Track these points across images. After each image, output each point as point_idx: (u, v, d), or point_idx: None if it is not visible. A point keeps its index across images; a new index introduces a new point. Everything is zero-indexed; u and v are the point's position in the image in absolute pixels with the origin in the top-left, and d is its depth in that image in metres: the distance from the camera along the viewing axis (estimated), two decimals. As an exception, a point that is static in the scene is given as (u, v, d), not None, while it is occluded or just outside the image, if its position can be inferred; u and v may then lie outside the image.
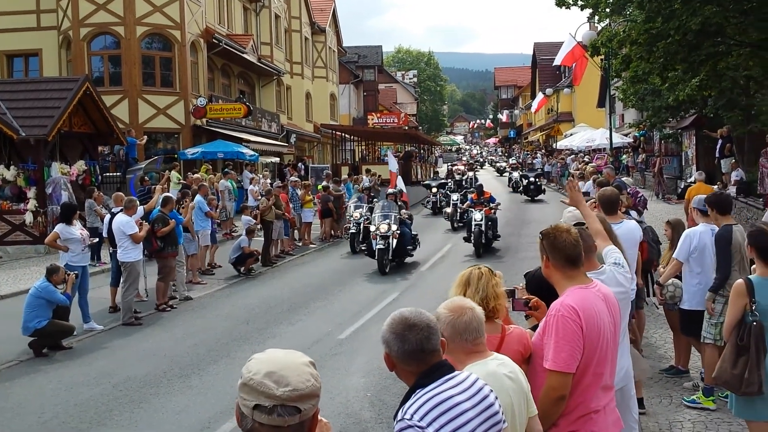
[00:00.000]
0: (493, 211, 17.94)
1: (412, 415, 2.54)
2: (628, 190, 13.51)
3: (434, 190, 28.97)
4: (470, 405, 2.64)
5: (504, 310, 4.02)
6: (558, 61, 36.91)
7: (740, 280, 4.93)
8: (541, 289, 4.23)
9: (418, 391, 2.62)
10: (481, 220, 17.10)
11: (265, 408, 1.85)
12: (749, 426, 5.11)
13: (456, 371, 2.74)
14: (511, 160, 52.92)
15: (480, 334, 3.16)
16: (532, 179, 31.77)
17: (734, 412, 5.12)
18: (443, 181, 32.42)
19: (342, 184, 23.83)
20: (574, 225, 4.41)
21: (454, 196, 24.42)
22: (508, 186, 37.85)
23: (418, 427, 2.51)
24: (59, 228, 11.42)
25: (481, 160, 77.95)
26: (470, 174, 37.00)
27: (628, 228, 6.40)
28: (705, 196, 7.63)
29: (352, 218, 19.67)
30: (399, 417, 2.59)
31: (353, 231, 19.16)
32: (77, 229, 11.55)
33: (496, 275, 3.98)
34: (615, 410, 3.85)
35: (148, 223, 12.30)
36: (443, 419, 2.54)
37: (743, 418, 5.03)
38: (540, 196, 31.49)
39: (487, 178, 44.82)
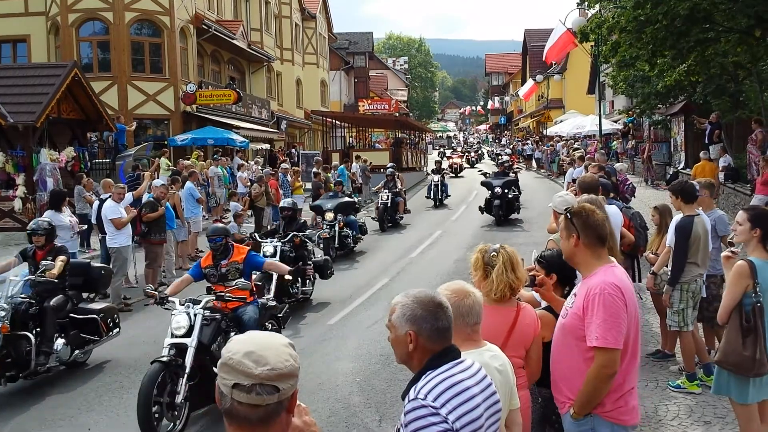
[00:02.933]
0: None
1: (426, 395, 2.57)
2: (618, 177, 13.62)
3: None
4: (478, 390, 2.69)
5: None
6: (545, 56, 37.03)
7: (742, 262, 4.91)
8: (565, 269, 4.26)
9: (429, 372, 2.65)
10: None
11: (244, 387, 1.88)
12: (736, 408, 5.16)
13: (463, 357, 2.79)
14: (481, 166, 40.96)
15: (480, 320, 3.20)
16: (497, 191, 19.84)
17: (724, 394, 5.14)
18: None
19: (334, 171, 23.93)
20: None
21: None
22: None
23: (432, 407, 2.54)
24: (48, 215, 11.35)
25: (477, 149, 66.26)
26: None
27: (610, 212, 6.46)
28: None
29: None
30: (411, 396, 2.61)
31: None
32: (66, 216, 11.52)
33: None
34: None
35: (135, 209, 12.29)
36: (455, 401, 2.58)
37: (740, 401, 5.03)
38: (514, 216, 20.86)
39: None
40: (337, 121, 39.66)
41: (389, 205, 20.42)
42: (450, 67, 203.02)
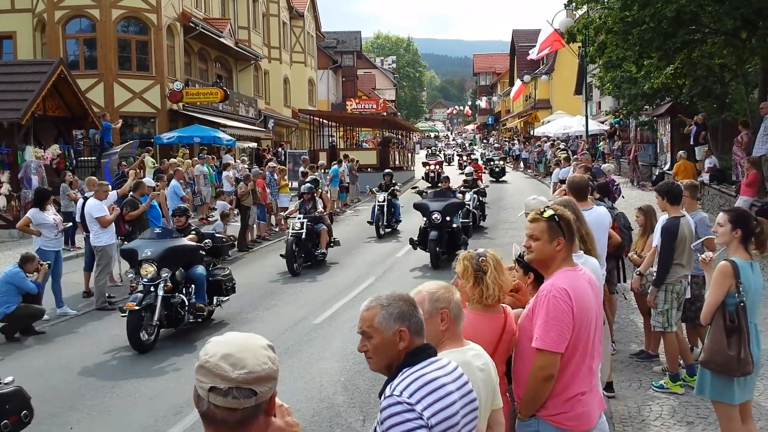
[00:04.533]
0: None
1: (401, 392, 2.57)
2: (605, 178, 13.66)
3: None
4: (455, 387, 2.69)
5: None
6: (533, 55, 37.22)
7: (725, 262, 4.94)
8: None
9: (405, 369, 2.65)
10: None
11: (221, 390, 1.85)
12: (718, 408, 5.17)
13: (439, 356, 2.79)
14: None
15: (461, 319, 3.21)
16: (436, 217, 14.41)
17: (707, 395, 5.15)
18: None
19: (321, 170, 23.92)
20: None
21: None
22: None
23: (407, 403, 2.54)
24: (31, 213, 11.31)
25: (470, 151, 54.56)
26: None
27: (597, 214, 6.51)
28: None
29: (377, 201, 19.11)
30: (387, 393, 2.61)
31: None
32: (50, 214, 11.43)
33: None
34: (599, 391, 3.91)
35: (119, 207, 12.24)
36: (431, 398, 2.58)
37: (724, 401, 5.04)
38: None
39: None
40: (324, 120, 39.62)
41: (303, 236, 14.40)
42: (438, 67, 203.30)
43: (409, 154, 45.21)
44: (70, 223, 13.87)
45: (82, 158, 22.43)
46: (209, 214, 21.37)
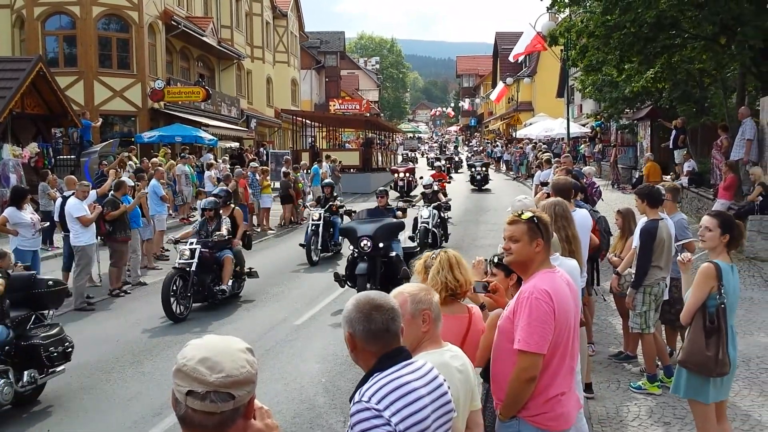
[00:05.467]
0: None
1: (369, 398, 2.55)
2: (585, 180, 13.75)
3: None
4: (426, 392, 2.67)
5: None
6: (512, 56, 37.39)
7: (709, 264, 4.98)
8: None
9: (375, 374, 2.63)
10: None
11: (198, 394, 1.84)
12: (694, 408, 5.22)
13: (413, 358, 2.77)
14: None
15: (440, 320, 3.22)
16: (365, 245, 11.16)
17: (682, 394, 5.20)
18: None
19: (303, 170, 23.92)
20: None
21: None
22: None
23: (375, 409, 2.53)
24: (8, 212, 11.18)
25: (455, 153, 52.55)
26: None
27: (580, 215, 6.55)
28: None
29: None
30: (356, 399, 2.60)
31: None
32: (28, 214, 11.30)
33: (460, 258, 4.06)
34: (576, 391, 3.95)
35: (100, 206, 12.13)
36: (400, 404, 2.56)
37: (699, 400, 5.09)
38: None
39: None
40: (307, 121, 39.57)
41: (193, 268, 11.10)
42: (422, 68, 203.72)
43: (392, 156, 45.23)
44: (48, 223, 13.72)
45: (61, 157, 22.21)
46: (190, 214, 21.26)
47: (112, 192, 12.82)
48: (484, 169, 33.17)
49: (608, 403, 6.82)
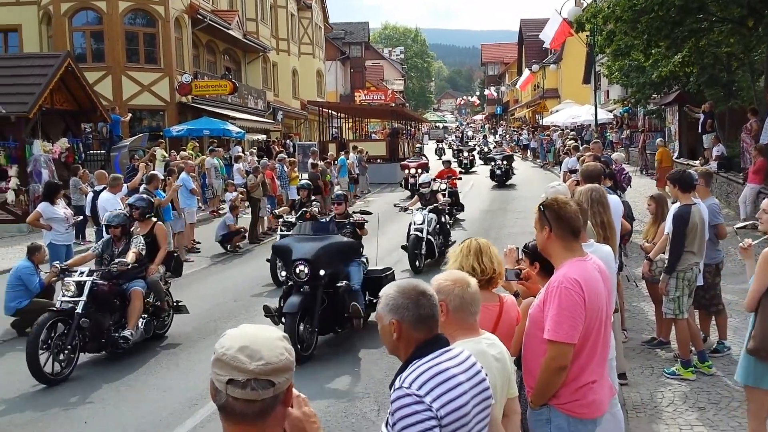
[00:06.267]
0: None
1: (410, 384, 2.58)
2: (614, 166, 13.65)
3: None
4: (465, 378, 2.69)
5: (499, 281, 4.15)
6: (547, 43, 36.96)
7: None
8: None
9: (415, 361, 2.66)
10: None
11: (239, 382, 1.87)
12: (751, 393, 4.99)
13: (451, 346, 2.80)
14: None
15: (479, 309, 3.24)
16: (303, 281, 8.48)
17: (752, 381, 5.00)
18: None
19: (334, 161, 23.99)
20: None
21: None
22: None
23: (416, 395, 2.55)
24: (41, 207, 11.31)
25: (482, 147, 44.21)
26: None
27: (612, 202, 6.50)
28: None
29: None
30: (397, 385, 2.62)
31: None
32: (60, 208, 11.44)
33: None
34: (608, 378, 3.95)
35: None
36: (440, 390, 2.59)
37: (763, 388, 4.94)
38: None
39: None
40: (333, 112, 39.61)
41: (83, 309, 8.11)
42: (446, 57, 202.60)
43: (419, 146, 45.12)
44: (81, 217, 13.90)
45: (91, 152, 22.47)
46: (220, 207, 21.44)
47: (144, 185, 12.93)
48: (505, 162, 28.48)
49: (642, 390, 6.79)
